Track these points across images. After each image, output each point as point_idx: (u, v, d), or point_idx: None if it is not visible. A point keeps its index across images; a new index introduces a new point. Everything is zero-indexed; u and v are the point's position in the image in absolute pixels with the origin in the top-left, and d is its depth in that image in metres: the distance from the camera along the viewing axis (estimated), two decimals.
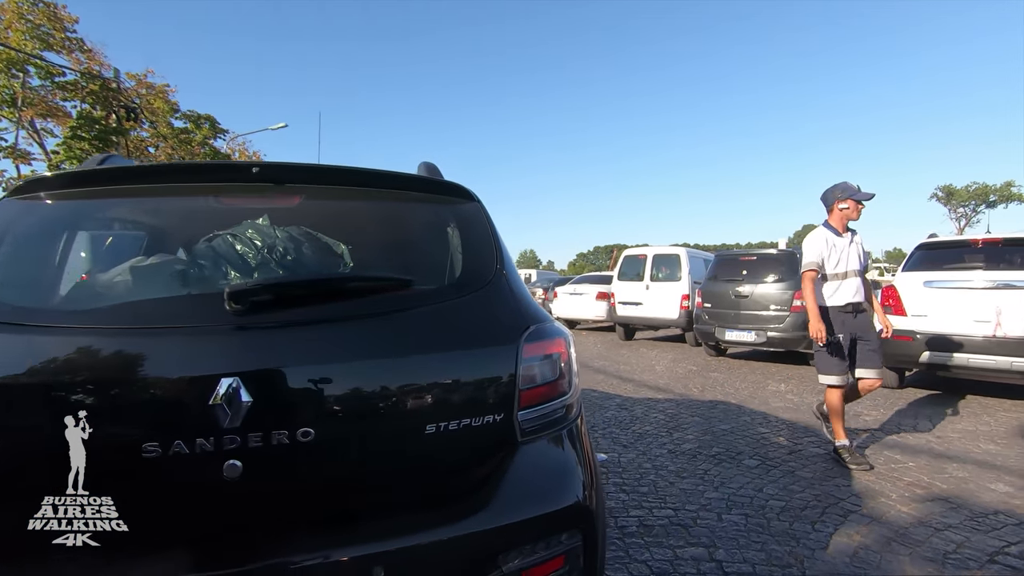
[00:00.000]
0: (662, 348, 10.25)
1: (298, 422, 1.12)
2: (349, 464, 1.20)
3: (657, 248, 11.10)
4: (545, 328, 1.45)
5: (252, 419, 1.09)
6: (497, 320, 1.41)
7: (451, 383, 1.28)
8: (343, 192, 1.58)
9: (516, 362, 1.34)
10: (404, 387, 1.23)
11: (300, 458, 1.14)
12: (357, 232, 1.59)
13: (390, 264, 1.56)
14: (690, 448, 3.97)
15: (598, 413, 5.05)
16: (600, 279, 13.71)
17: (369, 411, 1.20)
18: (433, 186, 1.69)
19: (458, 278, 1.49)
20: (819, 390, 6.10)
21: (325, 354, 1.19)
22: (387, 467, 1.23)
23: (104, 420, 1.05)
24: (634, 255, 11.37)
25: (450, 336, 1.33)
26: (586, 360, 8.63)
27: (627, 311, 11.03)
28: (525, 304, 1.49)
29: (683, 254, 10.54)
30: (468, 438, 1.27)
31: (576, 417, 1.50)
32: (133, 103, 16.40)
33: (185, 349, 1.14)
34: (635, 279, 10.99)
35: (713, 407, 5.27)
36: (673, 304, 10.29)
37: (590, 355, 9.26)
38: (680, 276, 10.39)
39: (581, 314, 13.31)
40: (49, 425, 1.03)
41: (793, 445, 4.03)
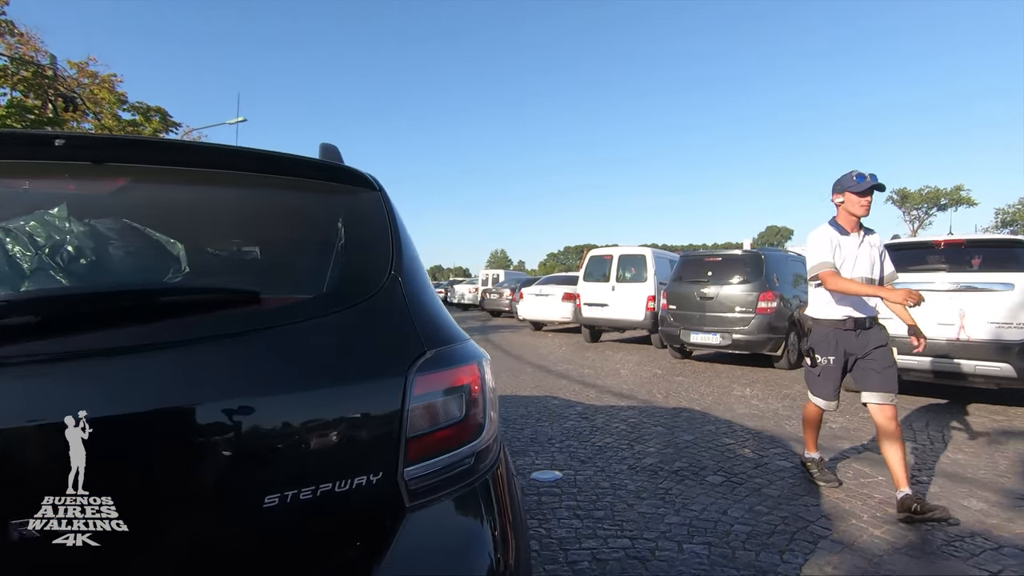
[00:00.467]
0: (628, 350, 10.05)
1: (42, 505, 0.76)
2: (134, 565, 0.83)
3: (623, 248, 10.91)
4: (449, 352, 1.12)
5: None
6: (380, 343, 1.06)
7: (305, 433, 0.93)
8: (189, 176, 1.21)
9: (403, 400, 1.00)
10: (233, 442, 0.88)
11: (43, 558, 0.77)
12: (208, 228, 1.22)
13: (248, 269, 1.20)
14: (651, 463, 3.70)
15: (557, 424, 4.75)
16: (566, 280, 13.47)
17: (174, 482, 0.84)
18: (316, 170, 1.33)
19: (336, 288, 1.13)
20: (784, 394, 5.95)
21: (106, 400, 0.82)
22: (206, 564, 0.87)
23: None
24: (600, 255, 11.15)
25: (309, 367, 0.97)
26: (550, 364, 8.34)
27: (593, 312, 10.80)
28: (426, 321, 1.14)
29: (649, 254, 10.37)
30: (330, 510, 0.92)
31: (492, 466, 1.16)
32: (73, 92, 15.35)
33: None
34: (601, 280, 10.77)
35: (677, 415, 5.03)
36: (639, 305, 10.11)
37: (554, 359, 8.98)
38: (646, 277, 10.21)
39: (547, 315, 13.05)
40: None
41: (759, 458, 3.80)
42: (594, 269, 11.01)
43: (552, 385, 6.59)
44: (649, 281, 10.11)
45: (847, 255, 3.09)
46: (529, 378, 7.10)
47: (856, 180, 3.03)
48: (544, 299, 13.00)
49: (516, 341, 11.68)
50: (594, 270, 11.00)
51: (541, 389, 6.37)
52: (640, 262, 10.42)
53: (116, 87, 17.68)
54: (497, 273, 22.63)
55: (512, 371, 7.66)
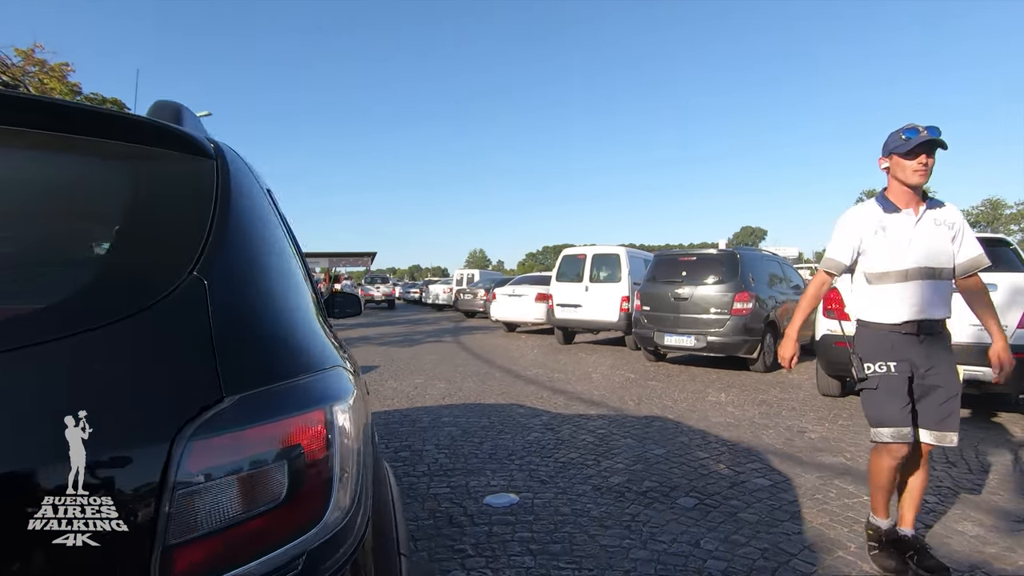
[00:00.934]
0: (601, 353, 9.75)
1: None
2: None
3: (597, 248, 10.60)
4: (273, 395, 0.73)
5: None
6: (137, 386, 0.67)
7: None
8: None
9: (162, 483, 0.61)
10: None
11: None
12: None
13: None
14: (618, 482, 3.35)
15: (520, 436, 4.38)
16: (540, 280, 13.14)
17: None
18: (117, 128, 0.93)
19: (80, 297, 0.73)
20: (760, 400, 5.69)
21: None
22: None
23: None
24: (573, 255, 10.83)
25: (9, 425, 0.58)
26: (520, 368, 7.98)
27: (565, 314, 10.47)
28: (246, 345, 0.76)
29: (623, 254, 10.09)
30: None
31: (344, 561, 0.77)
32: (18, 81, 14.42)
33: None
34: (574, 280, 10.44)
35: (649, 425, 4.70)
36: (613, 306, 9.81)
37: (525, 362, 8.62)
38: (620, 277, 9.92)
39: (520, 316, 12.69)
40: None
41: (735, 475, 3.48)
42: (567, 269, 10.68)
43: (520, 392, 6.23)
44: (623, 281, 9.82)
45: (897, 238, 2.31)
46: (496, 384, 6.73)
47: (905, 137, 2.23)
48: (517, 300, 12.64)
49: (488, 343, 11.29)
50: (567, 270, 10.67)
51: (508, 396, 5.99)
52: (614, 262, 10.13)
53: (68, 76, 16.74)
54: (472, 273, 22.19)
55: (479, 376, 7.27)
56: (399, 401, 5.77)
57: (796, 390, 6.23)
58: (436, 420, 4.92)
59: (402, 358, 9.11)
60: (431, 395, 6.07)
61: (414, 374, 7.49)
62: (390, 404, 5.63)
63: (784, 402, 5.60)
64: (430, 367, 8.09)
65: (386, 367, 8.12)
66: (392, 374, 7.50)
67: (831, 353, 5.36)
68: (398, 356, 9.37)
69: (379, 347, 10.76)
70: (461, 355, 9.50)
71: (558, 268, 10.79)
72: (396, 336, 12.98)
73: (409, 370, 7.84)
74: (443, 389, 6.41)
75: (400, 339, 12.26)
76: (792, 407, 5.37)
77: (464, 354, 9.64)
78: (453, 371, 7.71)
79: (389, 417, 5.05)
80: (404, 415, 5.14)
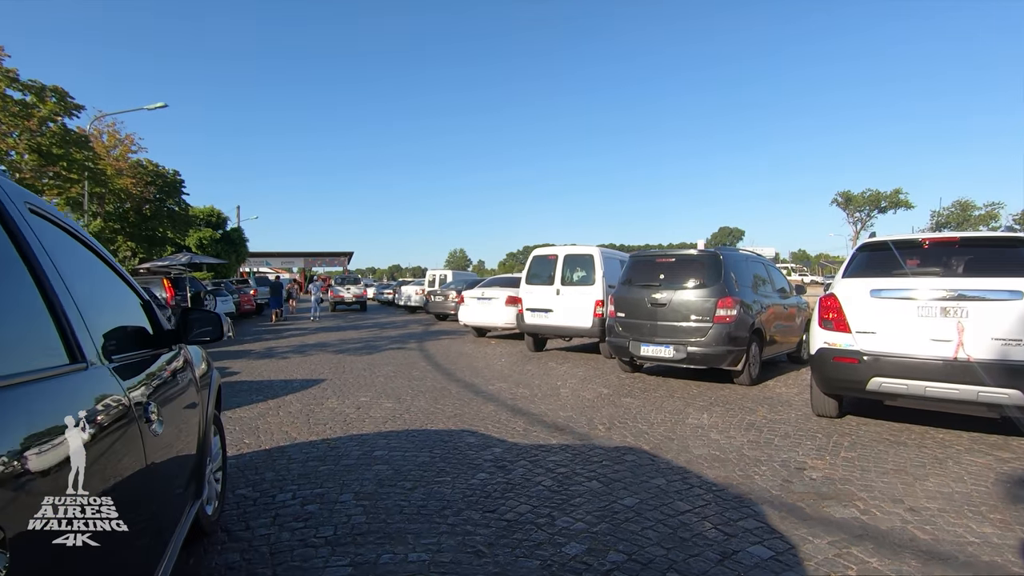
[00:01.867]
0: (573, 362, 8.99)
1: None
2: None
3: (569, 248, 9.85)
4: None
5: None
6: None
7: None
8: None
9: None
10: None
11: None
12: None
13: None
14: (575, 554, 2.57)
15: (463, 478, 3.58)
16: (511, 282, 12.36)
17: None
18: None
19: None
20: (748, 423, 4.97)
21: None
22: None
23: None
24: (543, 256, 10.03)
25: None
26: (482, 382, 7.17)
27: (536, 319, 9.69)
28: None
29: (597, 254, 9.34)
30: None
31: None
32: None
33: None
34: (545, 283, 9.67)
35: (619, 460, 3.94)
36: (586, 311, 9.07)
37: (489, 374, 7.82)
38: (594, 279, 9.18)
39: (489, 321, 11.89)
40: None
41: (724, 539, 2.72)
42: (538, 270, 9.90)
43: (475, 413, 5.42)
44: (597, 284, 9.08)
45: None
46: (451, 403, 5.91)
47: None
48: (486, 303, 11.84)
49: (453, 351, 10.47)
50: (538, 271, 9.89)
51: (461, 419, 5.19)
52: (588, 263, 9.38)
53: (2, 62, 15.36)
54: (444, 273, 21.29)
55: (434, 393, 6.44)
56: (333, 427, 4.93)
57: (787, 409, 5.54)
58: (367, 455, 4.10)
59: (355, 369, 8.23)
60: (372, 418, 5.23)
61: (361, 390, 6.63)
62: (320, 431, 4.78)
63: (775, 425, 4.89)
64: (382, 381, 7.24)
65: (332, 381, 7.24)
66: (336, 390, 6.63)
67: (829, 369, 4.68)
68: (351, 367, 8.48)
69: (334, 355, 9.85)
70: (420, 365, 8.67)
71: (528, 270, 10.00)
72: (357, 342, 12.08)
73: (357, 385, 6.97)
74: (389, 410, 5.57)
75: (360, 346, 11.36)
76: (785, 432, 4.66)
77: (424, 364, 8.80)
78: (406, 386, 6.87)
79: (311, 451, 4.20)
80: (331, 448, 4.29)
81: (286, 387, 6.87)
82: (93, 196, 20.22)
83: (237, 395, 6.31)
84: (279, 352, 10.63)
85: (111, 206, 22.36)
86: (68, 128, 16.85)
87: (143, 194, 22.34)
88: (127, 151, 21.57)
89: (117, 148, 21.32)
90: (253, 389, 6.75)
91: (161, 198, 25.02)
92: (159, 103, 20.91)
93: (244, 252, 42.87)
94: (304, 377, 7.63)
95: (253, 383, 7.20)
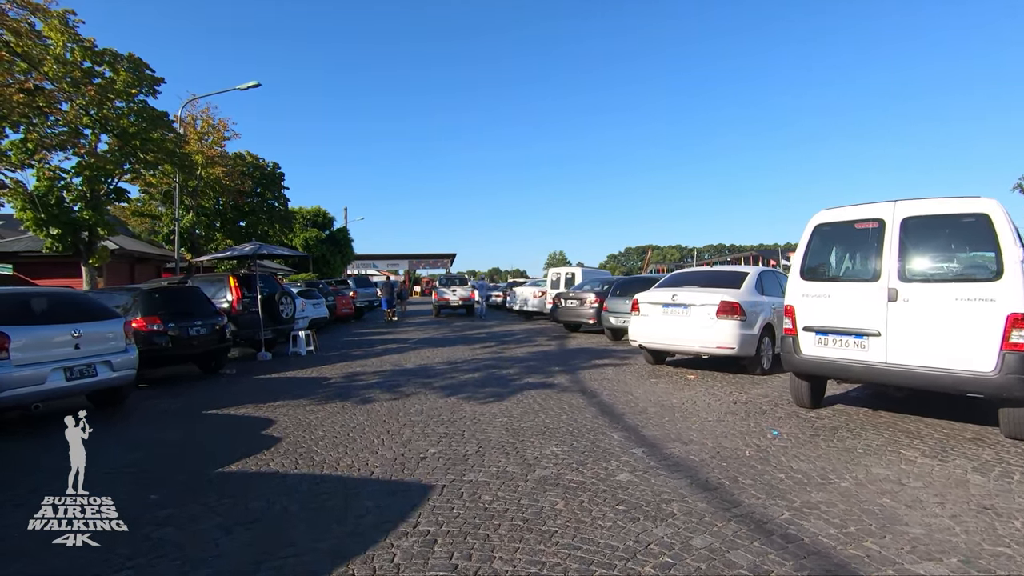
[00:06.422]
0: (947, 453, 4.17)
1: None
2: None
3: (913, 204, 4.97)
4: None
5: None
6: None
7: None
8: None
9: None
10: None
11: None
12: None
13: None
14: None
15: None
16: (718, 279, 7.69)
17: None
18: None
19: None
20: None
21: None
22: None
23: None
24: (844, 221, 5.11)
25: None
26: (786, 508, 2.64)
27: (835, 352, 4.91)
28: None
29: (1000, 213, 4.42)
30: None
31: None
32: None
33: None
34: (853, 278, 4.90)
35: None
36: (979, 338, 4.19)
37: (789, 485, 3.26)
38: (1000, 268, 4.30)
39: (686, 342, 7.22)
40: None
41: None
42: (829, 254, 5.13)
43: None
44: (1009, 278, 4.18)
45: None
46: None
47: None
48: (680, 313, 7.23)
49: (640, 395, 6.01)
50: (829, 256, 5.12)
51: None
52: (974, 232, 4.48)
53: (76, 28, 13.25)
54: (572, 271, 16.90)
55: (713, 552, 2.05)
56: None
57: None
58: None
59: (488, 451, 4.06)
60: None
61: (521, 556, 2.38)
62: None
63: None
64: (559, 519, 2.96)
65: (442, 510, 3.09)
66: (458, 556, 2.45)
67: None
68: (476, 444, 4.33)
69: (441, 400, 5.78)
70: (609, 437, 4.31)
71: (805, 253, 5.21)
72: (472, 369, 8.02)
73: (505, 530, 2.75)
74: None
75: (480, 378, 7.24)
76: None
77: (614, 433, 4.44)
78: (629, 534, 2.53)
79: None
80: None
81: (341, 520, 2.82)
82: (185, 188, 18.33)
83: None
84: (359, 385, 6.84)
85: (207, 201, 20.59)
86: (151, 108, 14.60)
87: (239, 186, 20.28)
88: (221, 137, 19.54)
89: (211, 136, 19.35)
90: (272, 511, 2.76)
91: (260, 192, 23.22)
92: (252, 82, 18.74)
93: (350, 254, 41.67)
94: (383, 475, 3.56)
95: (281, 481, 3.23)
